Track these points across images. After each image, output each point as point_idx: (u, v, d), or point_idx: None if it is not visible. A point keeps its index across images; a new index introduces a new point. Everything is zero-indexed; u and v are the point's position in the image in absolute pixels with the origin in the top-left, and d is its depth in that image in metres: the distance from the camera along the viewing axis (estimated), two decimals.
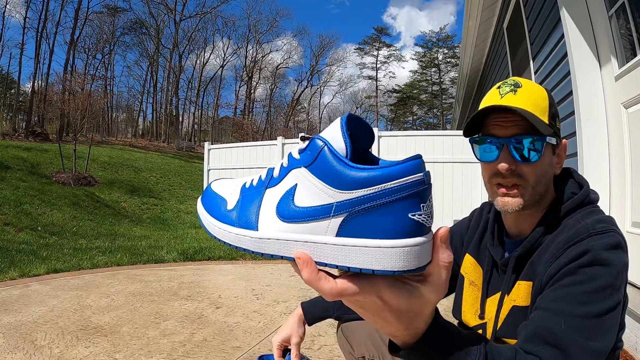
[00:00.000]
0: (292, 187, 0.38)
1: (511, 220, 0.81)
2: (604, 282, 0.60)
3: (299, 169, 0.37)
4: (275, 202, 0.39)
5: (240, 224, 0.41)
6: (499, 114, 0.74)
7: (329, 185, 0.35)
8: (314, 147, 0.36)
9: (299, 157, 0.38)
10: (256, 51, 39.97)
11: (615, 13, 2.24)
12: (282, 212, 0.38)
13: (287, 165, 0.39)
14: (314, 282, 0.35)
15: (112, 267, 4.28)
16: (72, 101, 11.89)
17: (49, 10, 26.91)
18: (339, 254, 0.35)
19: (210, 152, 8.51)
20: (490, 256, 0.82)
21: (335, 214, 0.35)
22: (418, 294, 0.37)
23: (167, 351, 2.06)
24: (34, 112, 22.76)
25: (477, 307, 0.83)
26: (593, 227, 0.66)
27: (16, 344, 2.11)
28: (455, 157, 6.19)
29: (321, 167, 0.36)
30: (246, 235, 0.40)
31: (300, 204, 0.37)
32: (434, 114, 44.14)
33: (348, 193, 0.35)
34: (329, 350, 2.10)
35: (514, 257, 0.75)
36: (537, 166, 0.73)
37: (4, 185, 8.26)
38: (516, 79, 0.77)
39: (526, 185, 0.73)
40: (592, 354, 0.57)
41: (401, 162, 0.34)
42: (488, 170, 0.77)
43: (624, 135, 2.18)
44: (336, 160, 0.35)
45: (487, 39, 6.05)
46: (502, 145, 0.73)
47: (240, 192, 0.43)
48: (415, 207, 0.34)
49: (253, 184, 0.42)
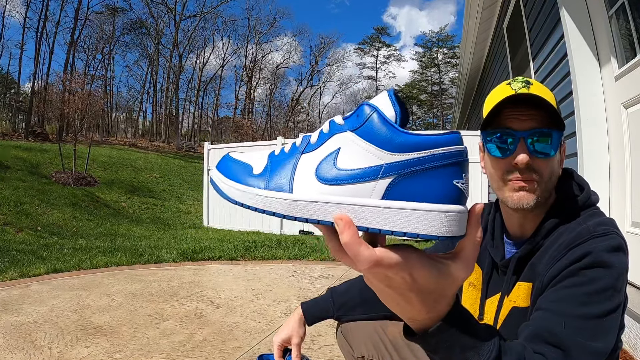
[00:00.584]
0: (334, 150, 0.37)
1: (516, 221, 0.80)
2: (605, 284, 0.60)
3: (344, 133, 0.37)
4: (315, 165, 0.38)
5: (271, 187, 0.39)
6: (515, 106, 0.72)
7: (378, 147, 0.35)
8: (362, 113, 0.37)
9: (343, 123, 0.38)
10: (256, 51, 40.01)
11: (615, 13, 2.24)
12: (322, 174, 0.37)
13: (328, 131, 0.38)
14: (354, 246, 0.33)
15: (112, 267, 4.28)
16: (72, 101, 11.89)
17: (48, 10, 26.93)
18: (384, 217, 0.34)
19: (210, 152, 8.52)
20: (490, 257, 0.82)
21: (384, 176, 0.35)
22: (447, 272, 0.37)
23: (167, 351, 2.06)
24: (33, 112, 22.77)
25: (476, 308, 0.83)
26: (594, 229, 0.66)
27: (16, 344, 2.11)
28: None
29: (371, 130, 0.36)
30: (279, 198, 0.38)
31: (345, 165, 0.36)
32: (434, 114, 44.18)
33: (399, 155, 0.35)
34: (329, 350, 2.10)
35: (515, 259, 0.75)
36: (552, 162, 0.72)
37: (4, 185, 8.26)
38: (525, 77, 0.75)
39: (540, 181, 0.72)
40: (593, 355, 0.57)
41: (446, 133, 0.35)
42: (502, 165, 0.74)
43: (624, 135, 2.18)
44: (386, 125, 0.36)
45: (487, 39, 6.05)
46: (520, 138, 0.71)
47: (268, 158, 0.42)
48: (459, 175, 0.36)
49: (285, 151, 0.41)
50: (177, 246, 5.38)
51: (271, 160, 0.41)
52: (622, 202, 2.20)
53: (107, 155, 14.89)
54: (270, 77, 41.83)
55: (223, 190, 0.42)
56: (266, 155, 0.42)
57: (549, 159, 0.72)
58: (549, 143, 0.71)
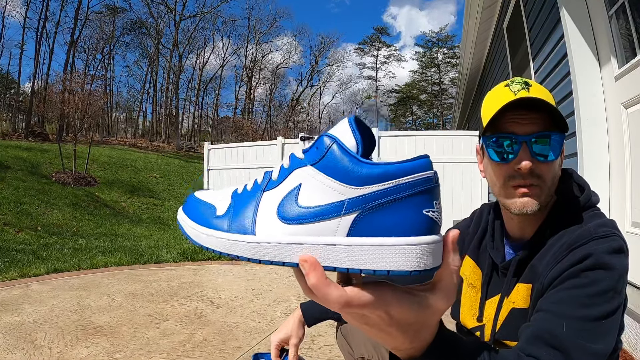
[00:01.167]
0: (295, 187, 0.35)
1: (517, 223, 0.79)
2: (606, 286, 0.60)
3: (304, 168, 0.35)
4: (276, 203, 0.36)
5: (234, 229, 0.37)
6: (516, 110, 0.70)
7: (339, 181, 0.34)
8: (322, 145, 0.35)
9: (302, 157, 0.36)
10: (256, 51, 40.01)
11: (615, 13, 2.24)
12: (284, 213, 0.35)
13: (289, 166, 0.37)
14: (322, 288, 0.31)
15: (112, 267, 4.28)
16: (72, 101, 11.90)
17: (49, 10, 26.95)
18: (351, 256, 0.33)
19: (210, 152, 8.51)
20: (490, 259, 0.82)
21: (347, 212, 0.33)
22: (426, 304, 0.35)
23: (167, 351, 2.06)
24: (33, 112, 22.77)
25: (475, 309, 0.83)
26: (595, 231, 0.66)
27: (16, 344, 2.11)
28: (455, 157, 6.19)
29: (331, 163, 0.34)
30: (241, 241, 0.36)
31: (306, 203, 0.34)
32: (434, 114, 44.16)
33: (361, 189, 0.33)
34: (329, 350, 2.10)
35: (515, 261, 0.74)
36: (553, 165, 0.71)
37: (4, 185, 8.27)
38: (523, 79, 0.74)
39: (543, 186, 0.71)
40: (593, 356, 0.57)
41: (413, 159, 0.34)
42: (504, 170, 0.72)
43: (624, 136, 2.18)
44: (347, 157, 0.34)
45: (487, 39, 6.05)
46: (522, 143, 0.70)
47: (231, 197, 0.40)
48: (428, 203, 0.34)
49: (247, 189, 0.39)
50: (177, 246, 5.38)
51: (234, 200, 0.39)
52: (622, 202, 2.20)
53: (107, 155, 14.89)
54: (270, 77, 41.85)
55: (188, 233, 0.40)
56: (229, 194, 0.40)
57: (551, 163, 0.70)
58: (551, 146, 0.69)
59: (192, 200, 0.43)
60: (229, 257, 0.37)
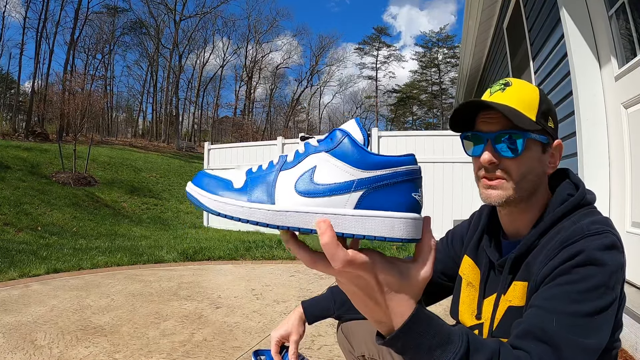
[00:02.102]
0: (311, 168, 0.43)
1: (505, 218, 0.83)
2: (597, 282, 0.61)
3: (319, 154, 0.43)
4: (294, 180, 0.43)
5: (254, 199, 0.43)
6: (485, 111, 0.77)
7: (351, 165, 0.42)
8: (335, 137, 0.43)
9: (317, 145, 0.44)
10: (256, 51, 40.00)
11: (615, 13, 2.24)
12: (302, 187, 0.42)
13: (304, 151, 0.44)
14: (332, 247, 0.39)
15: (112, 267, 4.28)
16: (72, 101, 11.90)
17: (48, 10, 26.93)
18: (357, 224, 0.41)
19: (210, 152, 8.52)
20: (487, 257, 0.83)
21: (356, 189, 0.42)
22: (407, 274, 0.43)
23: (167, 351, 2.06)
24: (33, 112, 22.77)
25: (474, 308, 0.84)
26: (588, 228, 0.67)
27: (16, 344, 2.11)
28: (455, 157, 6.19)
29: (343, 151, 0.43)
30: (261, 208, 0.42)
31: (321, 181, 0.42)
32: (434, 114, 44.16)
33: (368, 172, 0.42)
34: (329, 350, 2.10)
35: (510, 259, 0.76)
36: (521, 162, 0.74)
37: (4, 185, 8.27)
38: (509, 79, 0.79)
39: (510, 179, 0.75)
40: (585, 351, 0.58)
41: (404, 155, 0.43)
42: (476, 164, 0.80)
43: (624, 135, 2.18)
44: (357, 147, 0.43)
45: (487, 39, 6.05)
46: (487, 140, 0.76)
47: (246, 174, 0.46)
48: (416, 189, 0.43)
49: (262, 168, 0.45)
50: (177, 246, 5.38)
51: (250, 177, 0.45)
52: (622, 202, 2.20)
53: (107, 155, 14.89)
54: (270, 77, 41.83)
55: (204, 203, 0.45)
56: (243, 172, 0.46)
57: (515, 159, 0.74)
58: (512, 143, 0.74)
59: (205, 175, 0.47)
60: (248, 222, 0.43)
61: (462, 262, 0.91)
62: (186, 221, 9.40)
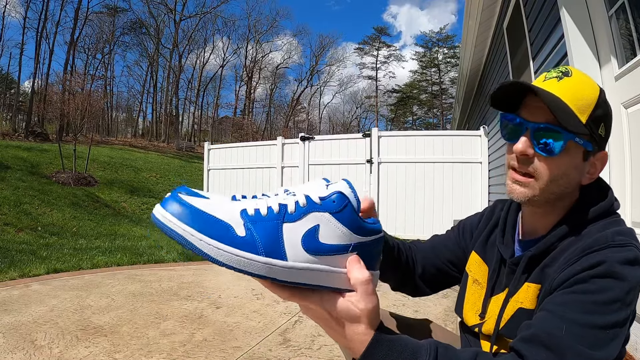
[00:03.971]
0: (314, 226, 0.47)
1: (527, 214, 0.79)
2: (614, 296, 0.59)
3: (323, 214, 0.47)
4: (299, 236, 0.46)
5: (267, 253, 0.45)
6: (534, 96, 0.69)
7: (351, 230, 0.48)
8: (339, 200, 0.48)
9: (320, 203, 0.48)
10: (256, 51, 39.98)
11: (615, 13, 2.24)
12: (309, 245, 0.47)
13: (306, 206, 0.47)
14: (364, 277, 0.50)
15: (112, 267, 4.28)
16: (72, 101, 11.88)
17: (48, 10, 26.90)
18: None
19: (210, 152, 8.51)
20: (498, 254, 0.81)
21: (352, 251, 0.49)
22: (355, 306, 0.51)
23: (167, 351, 2.06)
24: (34, 112, 22.73)
25: (478, 306, 0.82)
26: (612, 238, 0.64)
27: (16, 344, 2.11)
28: (455, 157, 6.18)
29: (346, 217, 0.48)
30: (276, 265, 0.45)
31: (325, 241, 0.47)
32: (434, 114, 44.14)
33: (362, 238, 0.50)
34: (329, 350, 2.10)
35: (526, 257, 0.73)
36: (555, 163, 0.68)
37: (4, 185, 8.26)
38: (570, 68, 0.71)
39: (538, 179, 0.70)
40: None
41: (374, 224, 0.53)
42: (509, 151, 0.74)
43: (624, 136, 2.18)
44: (355, 215, 0.49)
45: (487, 39, 6.05)
46: (526, 129, 0.70)
47: (242, 218, 0.46)
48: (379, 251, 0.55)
49: (261, 214, 0.47)
50: (177, 246, 5.37)
51: (251, 223, 0.46)
52: (622, 202, 2.19)
53: (107, 155, 14.89)
54: (270, 77, 41.82)
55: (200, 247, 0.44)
56: (237, 213, 0.47)
57: (550, 159, 0.68)
58: (553, 142, 0.67)
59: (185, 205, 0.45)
60: (265, 279, 0.47)
61: (469, 258, 0.89)
62: None
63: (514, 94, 0.72)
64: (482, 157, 6.00)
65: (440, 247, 0.96)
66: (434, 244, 0.97)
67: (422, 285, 0.94)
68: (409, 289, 0.95)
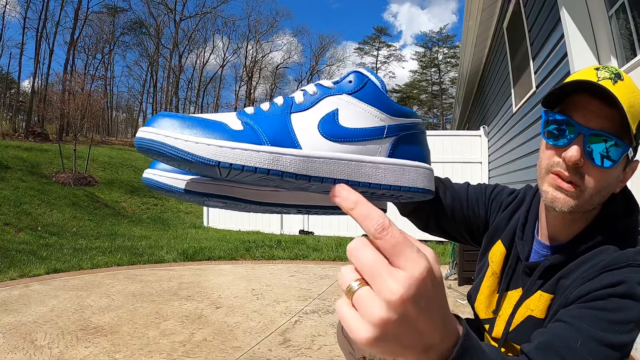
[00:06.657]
0: (331, 110, 0.39)
1: (550, 219, 0.74)
2: (630, 317, 0.59)
3: (340, 96, 0.39)
4: (314, 122, 0.38)
5: (273, 142, 0.35)
6: (591, 97, 0.63)
7: (380, 109, 0.40)
8: (357, 79, 0.40)
9: (333, 87, 0.40)
10: (256, 51, 40.00)
11: (615, 13, 2.24)
12: (328, 130, 0.38)
13: (317, 93, 0.40)
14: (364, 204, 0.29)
15: (112, 267, 4.28)
16: (72, 101, 11.88)
17: (48, 10, 26.90)
18: (388, 174, 0.38)
19: None
20: (516, 250, 0.79)
21: (388, 136, 0.40)
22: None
23: (167, 351, 2.06)
24: (34, 112, 22.75)
25: (492, 301, 0.81)
26: (634, 258, 0.62)
27: (16, 344, 2.11)
28: (455, 157, 6.18)
29: (370, 95, 0.39)
30: (287, 153, 0.35)
31: (349, 124, 0.38)
32: (434, 114, 44.14)
33: (397, 119, 0.41)
34: (329, 350, 2.10)
35: (543, 266, 0.71)
36: (605, 175, 0.64)
37: (4, 185, 8.26)
38: (619, 70, 0.65)
39: (584, 189, 0.64)
40: None
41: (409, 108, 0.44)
42: (551, 155, 0.67)
43: None
44: (380, 92, 0.40)
45: (487, 39, 6.05)
46: (579, 134, 0.62)
47: (238, 117, 0.37)
48: (427, 142, 0.44)
49: (263, 109, 0.38)
50: (177, 246, 5.38)
51: (250, 118, 0.37)
52: None
53: (107, 155, 14.88)
54: (270, 77, 41.83)
55: (191, 150, 0.33)
56: (232, 115, 0.38)
57: (602, 170, 0.63)
58: (611, 153, 0.62)
59: (172, 116, 0.35)
60: (269, 174, 0.34)
61: (494, 245, 0.85)
62: (186, 221, 9.39)
63: (568, 90, 0.66)
64: (482, 157, 6.00)
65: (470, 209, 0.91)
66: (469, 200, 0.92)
67: (434, 225, 0.92)
68: (422, 222, 0.93)
